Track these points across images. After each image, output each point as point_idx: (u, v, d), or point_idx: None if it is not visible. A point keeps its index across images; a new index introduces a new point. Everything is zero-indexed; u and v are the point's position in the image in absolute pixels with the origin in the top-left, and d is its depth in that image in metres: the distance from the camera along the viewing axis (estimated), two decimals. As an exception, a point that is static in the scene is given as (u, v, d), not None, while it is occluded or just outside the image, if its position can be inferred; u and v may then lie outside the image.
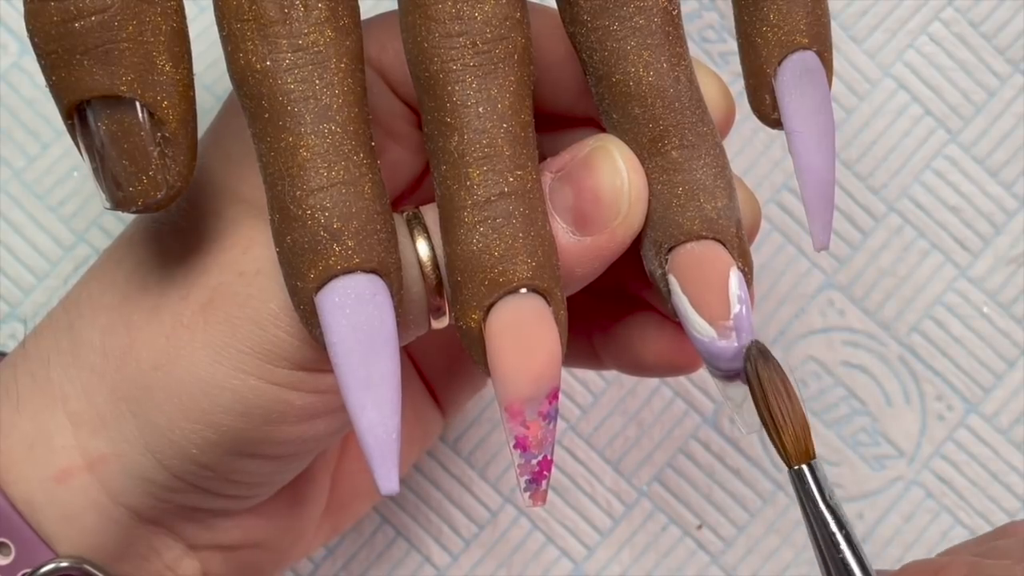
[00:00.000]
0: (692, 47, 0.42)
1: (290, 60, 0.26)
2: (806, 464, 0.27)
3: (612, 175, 0.27)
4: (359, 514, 0.37)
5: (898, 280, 0.42)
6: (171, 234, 0.30)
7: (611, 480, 0.41)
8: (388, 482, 0.25)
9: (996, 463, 0.42)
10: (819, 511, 0.27)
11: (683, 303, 0.28)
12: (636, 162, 0.28)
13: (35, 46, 0.25)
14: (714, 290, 0.27)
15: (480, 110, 0.26)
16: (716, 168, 0.28)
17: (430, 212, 0.27)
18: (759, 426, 0.28)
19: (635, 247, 0.28)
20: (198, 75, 0.33)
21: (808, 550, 0.37)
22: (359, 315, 0.25)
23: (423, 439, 0.38)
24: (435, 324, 0.28)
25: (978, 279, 0.42)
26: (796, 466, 0.27)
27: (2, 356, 0.33)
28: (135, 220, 0.31)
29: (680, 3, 0.28)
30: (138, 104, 0.25)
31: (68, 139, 0.39)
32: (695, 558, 0.41)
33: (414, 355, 0.36)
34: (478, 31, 0.26)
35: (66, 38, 0.25)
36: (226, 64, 0.26)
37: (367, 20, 0.30)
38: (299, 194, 0.26)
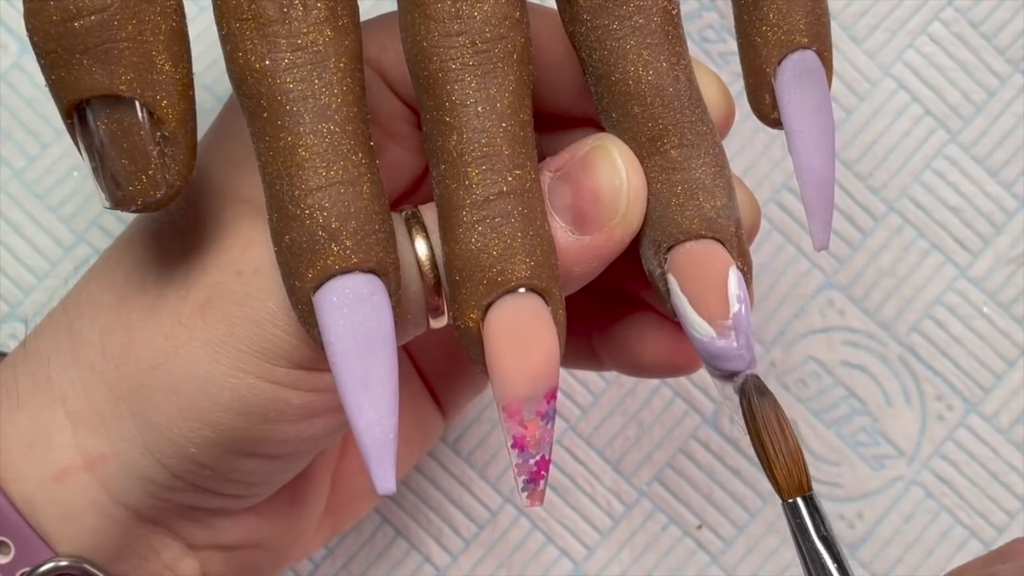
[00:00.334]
0: (692, 47, 0.42)
1: (289, 59, 0.26)
2: (800, 497, 0.27)
3: (611, 174, 0.27)
4: (360, 515, 0.37)
5: (898, 280, 0.42)
6: (170, 233, 0.30)
7: (611, 480, 0.41)
8: (385, 482, 0.25)
9: (996, 463, 0.41)
10: (812, 545, 0.27)
11: (682, 303, 0.28)
12: (635, 161, 0.28)
13: (34, 45, 0.25)
14: (713, 289, 0.27)
15: (479, 109, 0.26)
16: (715, 167, 0.28)
17: (429, 211, 0.27)
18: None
19: (634, 246, 0.28)
20: (198, 75, 0.33)
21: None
22: (357, 315, 0.25)
23: (423, 441, 0.37)
24: (433, 324, 0.28)
25: (978, 279, 0.42)
26: (790, 499, 0.27)
27: (2, 356, 0.33)
28: (135, 220, 0.31)
29: (680, 3, 0.28)
30: (137, 103, 0.25)
31: (68, 139, 0.39)
32: (695, 558, 0.41)
33: (415, 356, 0.36)
34: (477, 30, 0.26)
35: (65, 37, 0.25)
36: (225, 63, 0.26)
37: (367, 21, 0.30)
38: (297, 194, 0.26)
